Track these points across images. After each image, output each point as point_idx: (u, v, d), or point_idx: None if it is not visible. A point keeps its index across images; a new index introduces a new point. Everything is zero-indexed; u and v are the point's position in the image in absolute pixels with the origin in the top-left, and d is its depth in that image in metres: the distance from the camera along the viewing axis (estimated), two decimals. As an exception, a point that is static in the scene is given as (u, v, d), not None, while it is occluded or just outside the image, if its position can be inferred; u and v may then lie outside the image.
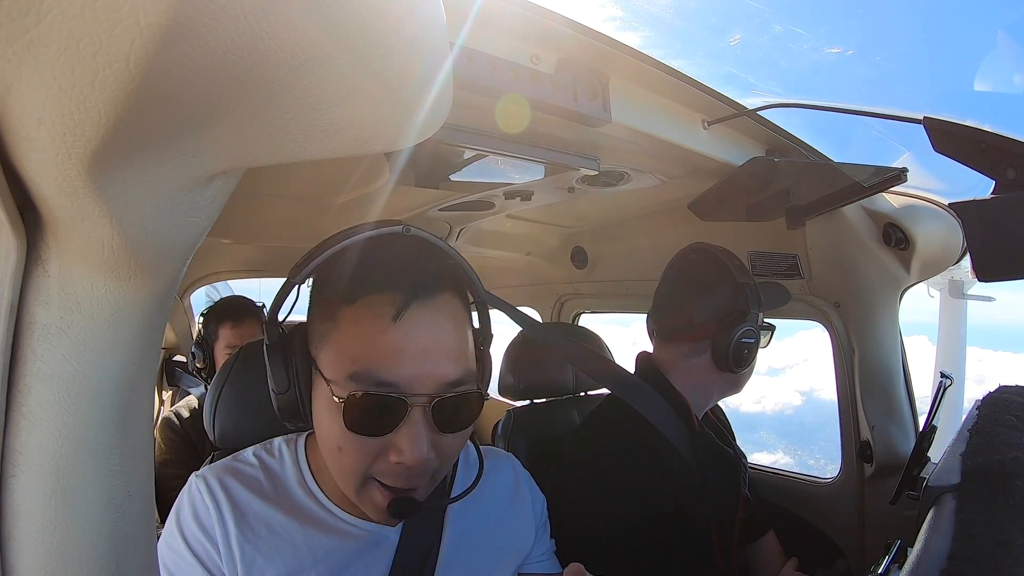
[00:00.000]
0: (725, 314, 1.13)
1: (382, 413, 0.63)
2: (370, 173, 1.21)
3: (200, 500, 0.71)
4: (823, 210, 1.24)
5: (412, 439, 0.63)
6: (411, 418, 0.63)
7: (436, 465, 0.67)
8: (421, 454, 0.63)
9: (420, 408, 0.63)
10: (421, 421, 0.63)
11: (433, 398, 0.64)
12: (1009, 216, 0.80)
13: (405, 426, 0.63)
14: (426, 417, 0.64)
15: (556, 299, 2.46)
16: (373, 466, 0.65)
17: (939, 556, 0.40)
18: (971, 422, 0.56)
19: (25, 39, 0.26)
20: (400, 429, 0.63)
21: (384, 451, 0.64)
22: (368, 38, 0.32)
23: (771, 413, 31.21)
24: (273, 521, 0.71)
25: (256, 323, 1.95)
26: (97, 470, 0.39)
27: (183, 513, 0.71)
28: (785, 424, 29.92)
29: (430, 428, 0.64)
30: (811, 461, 24.49)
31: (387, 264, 0.66)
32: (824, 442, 25.61)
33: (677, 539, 1.04)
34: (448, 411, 0.65)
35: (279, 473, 0.77)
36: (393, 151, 1.04)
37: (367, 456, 0.64)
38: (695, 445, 1.12)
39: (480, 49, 0.74)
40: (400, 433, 0.63)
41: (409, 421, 0.63)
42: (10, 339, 0.35)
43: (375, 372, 0.62)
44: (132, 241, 0.35)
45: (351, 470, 0.66)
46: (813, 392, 33.86)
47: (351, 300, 0.64)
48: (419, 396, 0.63)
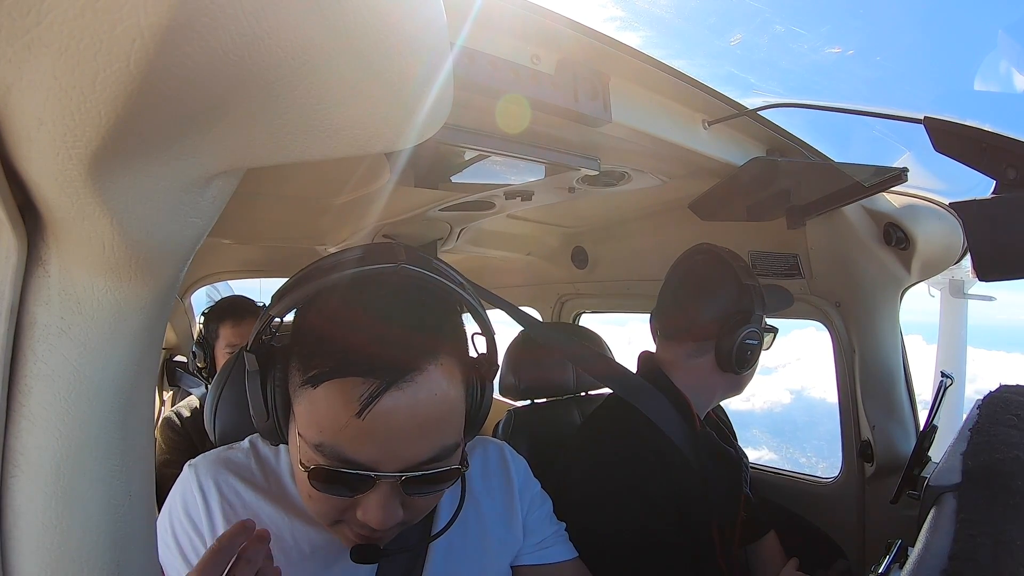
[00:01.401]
0: (729, 315, 1.13)
1: (348, 485, 0.60)
2: (370, 173, 1.21)
3: (189, 491, 0.72)
4: (823, 210, 1.24)
5: (380, 507, 0.60)
6: (379, 489, 0.60)
7: (408, 519, 0.65)
8: (389, 521, 0.61)
9: (387, 483, 0.60)
10: (389, 492, 0.61)
11: (403, 474, 0.60)
12: (1010, 216, 0.80)
13: (373, 495, 0.61)
14: (396, 490, 0.61)
15: (557, 299, 2.46)
16: (343, 515, 0.64)
17: (940, 556, 0.40)
18: (972, 422, 0.56)
19: (26, 39, 0.26)
20: (368, 496, 0.61)
21: (353, 507, 0.62)
22: (368, 38, 0.32)
23: (760, 411, 31.17)
24: (263, 513, 0.71)
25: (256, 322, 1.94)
26: (98, 470, 0.39)
27: (174, 504, 0.72)
28: (775, 422, 29.92)
29: (399, 497, 0.62)
30: (803, 459, 24.48)
31: (364, 333, 0.58)
32: (816, 440, 25.60)
33: (679, 539, 1.04)
34: (420, 483, 0.62)
35: (272, 464, 0.76)
36: (393, 151, 1.03)
37: (335, 509, 0.63)
38: (697, 445, 1.12)
39: (480, 49, 0.74)
40: (368, 500, 0.61)
41: (377, 491, 0.60)
42: (10, 339, 0.35)
43: (339, 450, 0.58)
44: (132, 241, 0.35)
45: (321, 515, 0.65)
46: (804, 391, 33.94)
47: (317, 382, 0.58)
48: (387, 474, 0.59)
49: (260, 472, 0.75)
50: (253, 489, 0.73)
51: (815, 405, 32.25)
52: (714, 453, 1.16)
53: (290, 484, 0.75)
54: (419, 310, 0.62)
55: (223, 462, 0.75)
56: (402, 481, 0.60)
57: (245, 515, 0.70)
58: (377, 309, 0.60)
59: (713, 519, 1.12)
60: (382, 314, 0.60)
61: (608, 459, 1.10)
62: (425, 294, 0.63)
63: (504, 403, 2.06)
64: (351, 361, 0.57)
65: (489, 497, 0.86)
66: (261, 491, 0.73)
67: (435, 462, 0.62)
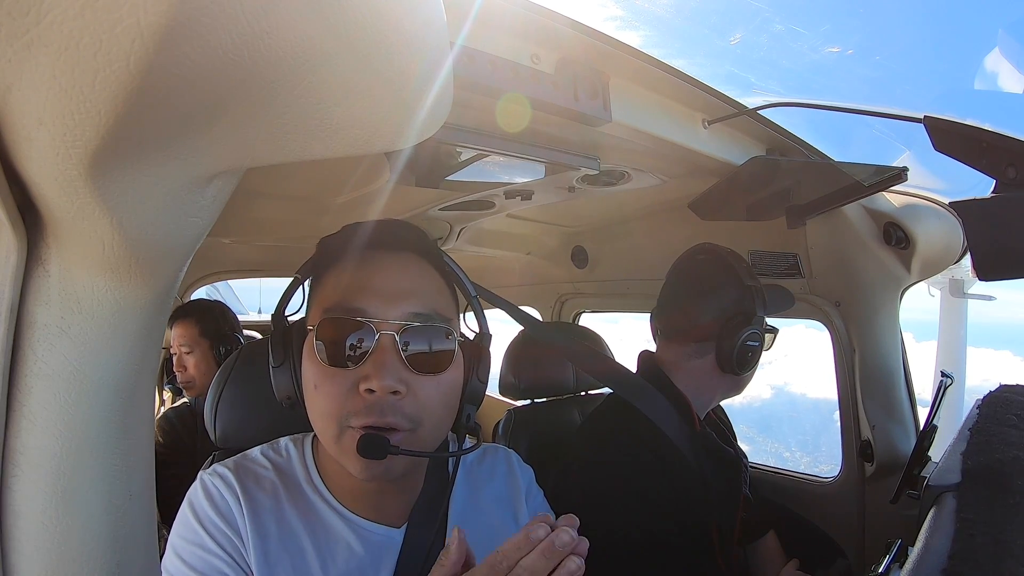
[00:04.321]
0: (730, 316, 1.13)
1: (352, 341, 0.67)
2: (370, 173, 1.20)
3: (217, 492, 0.71)
4: (823, 209, 1.24)
5: (380, 365, 0.65)
6: (379, 345, 0.67)
7: (411, 410, 0.67)
8: (388, 380, 0.64)
9: (387, 337, 0.67)
10: (390, 350, 0.67)
11: (400, 328, 0.67)
12: (1010, 215, 0.80)
13: (374, 355, 0.66)
14: (395, 347, 0.67)
15: (556, 299, 2.46)
16: (348, 403, 0.66)
17: (940, 555, 0.40)
18: (972, 421, 0.56)
19: (25, 39, 0.26)
20: (369, 358, 0.66)
21: (356, 385, 0.66)
22: (368, 38, 0.32)
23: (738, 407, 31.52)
24: (283, 520, 0.72)
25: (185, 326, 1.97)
26: (98, 470, 0.39)
27: (199, 505, 0.70)
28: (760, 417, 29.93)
29: (400, 361, 0.67)
30: (786, 454, 24.40)
31: (362, 233, 0.75)
32: (801, 435, 25.50)
33: (678, 539, 1.04)
34: (418, 347, 0.68)
35: (286, 470, 0.77)
36: (393, 151, 1.03)
37: (341, 389, 0.66)
38: (696, 445, 1.12)
39: (480, 49, 0.74)
40: (369, 362, 0.66)
41: (377, 350, 0.66)
42: (10, 339, 0.35)
43: (343, 303, 0.68)
44: (132, 241, 0.35)
45: (328, 410, 0.67)
46: (786, 386, 34.01)
47: (328, 265, 0.73)
48: (385, 323, 0.67)
49: (279, 480, 0.75)
50: (273, 496, 0.73)
51: (796, 400, 32.32)
52: (714, 453, 1.16)
53: (307, 490, 0.75)
54: (412, 227, 0.78)
55: (241, 468, 0.75)
56: (400, 336, 0.67)
57: (268, 521, 0.71)
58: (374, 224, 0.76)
59: (713, 519, 1.12)
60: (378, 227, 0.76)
61: (607, 459, 1.10)
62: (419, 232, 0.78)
63: (504, 402, 2.05)
64: (355, 243, 0.73)
65: (497, 503, 0.86)
66: (280, 499, 0.73)
67: (429, 320, 0.70)
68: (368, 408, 0.65)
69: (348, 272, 0.71)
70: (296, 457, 0.78)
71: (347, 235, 0.75)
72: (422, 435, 0.69)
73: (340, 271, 0.72)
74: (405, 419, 0.67)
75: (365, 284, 0.69)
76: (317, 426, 0.70)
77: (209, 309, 2.02)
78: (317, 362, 0.68)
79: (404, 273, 0.72)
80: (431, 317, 0.70)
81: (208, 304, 2.08)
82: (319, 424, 0.70)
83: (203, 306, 2.05)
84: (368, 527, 0.74)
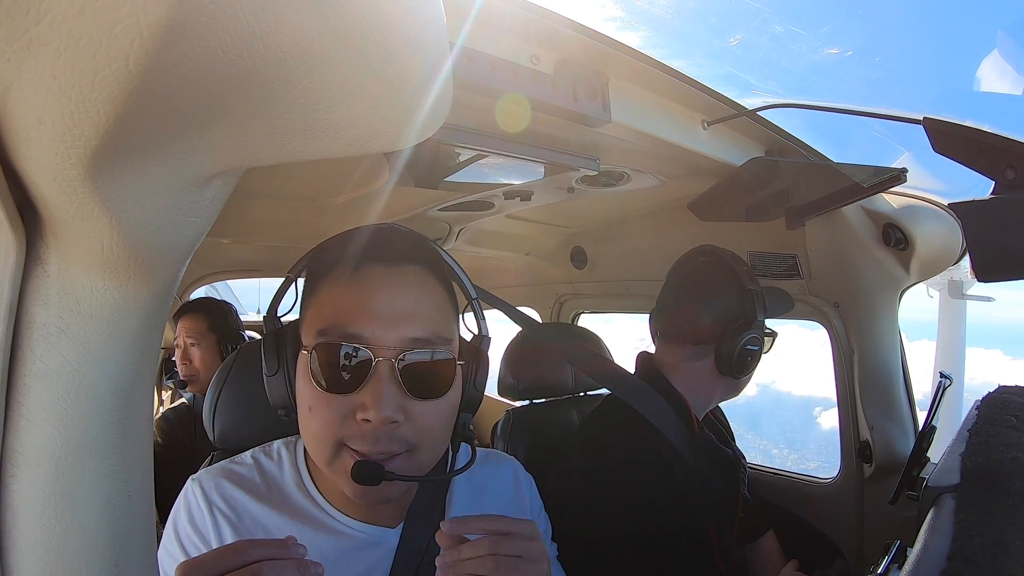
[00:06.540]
0: (731, 320, 1.13)
1: (348, 368, 0.64)
2: (370, 173, 1.20)
3: (195, 504, 0.72)
4: (823, 210, 1.24)
5: (377, 395, 0.62)
6: (376, 373, 0.63)
7: (410, 435, 0.66)
8: (387, 411, 0.62)
9: (386, 364, 0.64)
10: (387, 378, 0.64)
11: (399, 354, 0.64)
12: (1009, 216, 0.80)
13: (371, 382, 0.63)
14: (393, 375, 0.64)
15: (555, 299, 2.46)
16: (343, 429, 0.64)
17: (938, 556, 0.40)
18: (970, 422, 0.56)
19: (25, 39, 0.25)
20: (366, 385, 0.63)
21: (352, 412, 0.64)
22: (368, 38, 0.32)
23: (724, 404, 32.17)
24: (269, 523, 0.71)
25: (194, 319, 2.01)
26: (97, 470, 0.39)
27: (179, 517, 0.72)
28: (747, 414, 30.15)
29: (398, 388, 0.64)
30: (775, 451, 24.38)
31: (359, 242, 0.71)
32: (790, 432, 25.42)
33: (677, 540, 1.04)
34: (417, 372, 0.65)
35: (276, 475, 0.77)
36: (393, 151, 1.03)
37: (336, 415, 0.64)
38: (695, 446, 1.12)
39: (480, 49, 0.74)
40: (366, 390, 0.63)
41: (375, 377, 0.63)
42: (9, 339, 0.35)
43: (340, 327, 0.65)
44: (132, 241, 0.35)
45: (322, 434, 0.65)
46: (772, 384, 34.16)
47: (323, 275, 0.69)
48: (384, 350, 0.64)
49: (263, 482, 0.75)
50: (257, 499, 0.73)
51: (781, 397, 32.37)
52: (712, 454, 1.16)
53: (295, 493, 0.75)
54: (410, 235, 0.75)
55: (225, 474, 0.75)
56: (399, 364, 0.64)
57: (252, 525, 0.70)
58: (372, 234, 0.72)
59: (711, 520, 1.12)
60: (378, 233, 0.72)
61: (606, 460, 1.10)
62: (415, 235, 0.75)
63: (503, 403, 2.05)
64: (352, 253, 0.69)
65: (503, 510, 0.86)
66: (265, 501, 0.73)
67: (429, 344, 0.67)
68: (364, 437, 0.64)
69: (343, 287, 0.67)
70: (288, 460, 0.78)
71: (342, 244, 0.72)
72: (420, 457, 0.68)
73: (335, 284, 0.68)
74: (403, 444, 0.66)
75: (363, 306, 0.65)
76: (310, 446, 0.69)
77: (219, 307, 2.09)
78: (312, 384, 0.65)
79: (403, 293, 0.68)
80: (431, 341, 0.67)
81: (218, 303, 2.14)
82: (312, 445, 0.68)
83: (213, 303, 2.12)
84: (361, 528, 0.74)
